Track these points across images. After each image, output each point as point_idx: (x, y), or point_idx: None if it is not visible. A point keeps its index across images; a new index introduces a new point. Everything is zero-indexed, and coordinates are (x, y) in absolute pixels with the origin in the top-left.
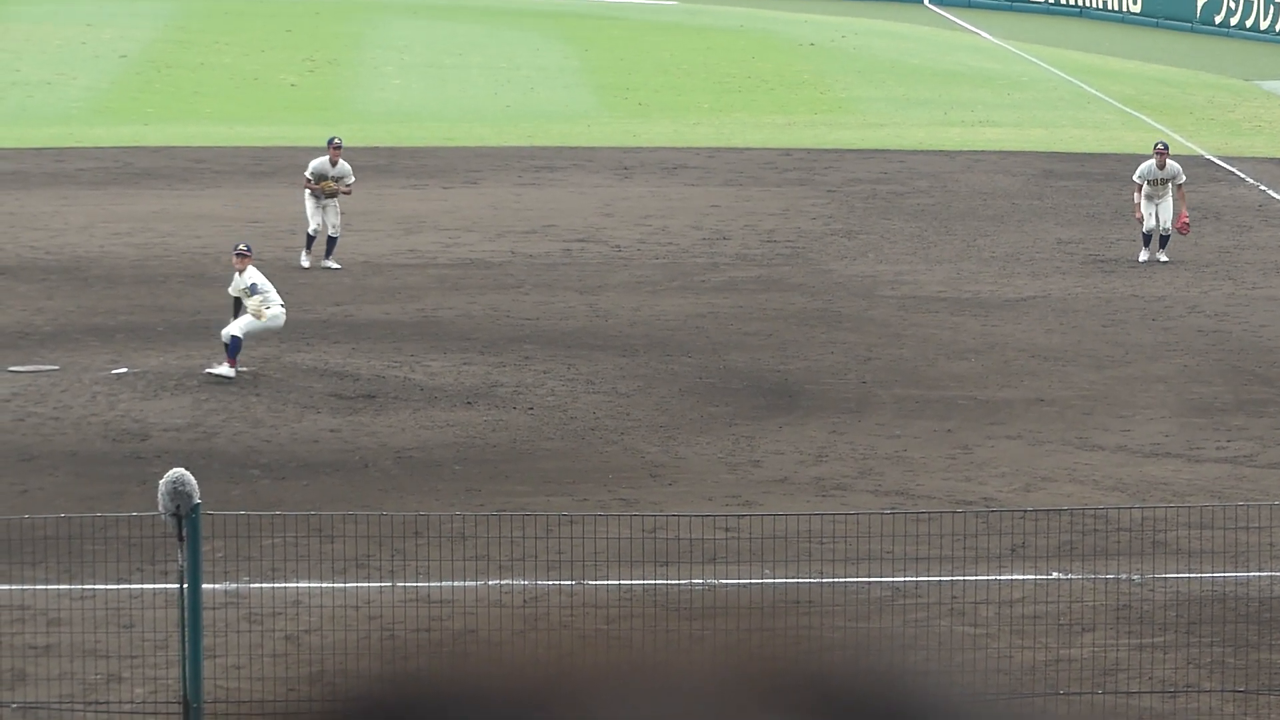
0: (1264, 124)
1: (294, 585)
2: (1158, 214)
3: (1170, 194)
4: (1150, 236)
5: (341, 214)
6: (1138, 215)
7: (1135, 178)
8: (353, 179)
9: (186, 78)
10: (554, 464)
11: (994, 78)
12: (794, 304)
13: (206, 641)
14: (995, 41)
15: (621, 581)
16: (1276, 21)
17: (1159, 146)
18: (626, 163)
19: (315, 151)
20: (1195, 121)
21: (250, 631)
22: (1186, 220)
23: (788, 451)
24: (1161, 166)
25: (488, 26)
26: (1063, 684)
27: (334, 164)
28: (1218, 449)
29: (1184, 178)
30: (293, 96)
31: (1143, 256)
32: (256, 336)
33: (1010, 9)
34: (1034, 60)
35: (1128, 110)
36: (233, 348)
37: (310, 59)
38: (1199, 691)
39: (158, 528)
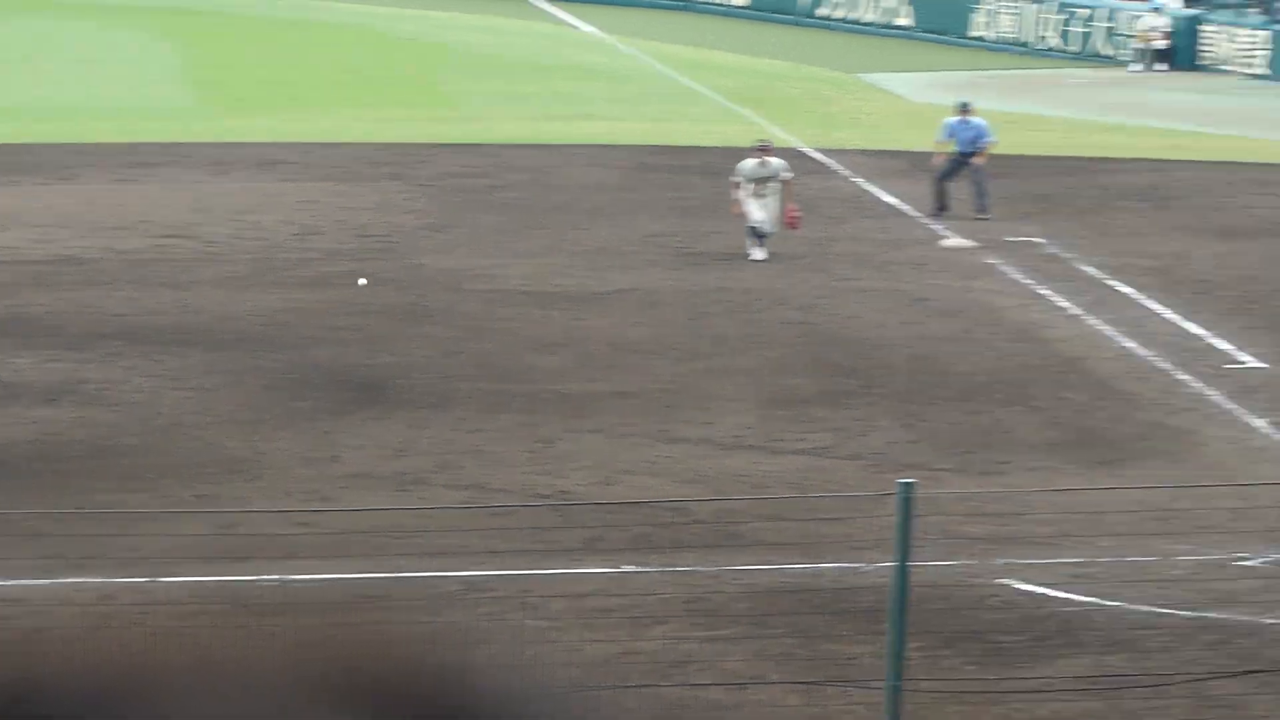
0: (861, 116)
1: None
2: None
3: (777, 191)
4: (759, 230)
5: None
6: (735, 211)
7: (735, 176)
8: None
9: None
10: (136, 460)
11: (597, 72)
12: (384, 299)
13: None
14: (599, 35)
15: (195, 578)
16: (880, 14)
17: (760, 144)
18: (223, 159)
19: None
20: (793, 114)
21: None
22: (796, 214)
23: (369, 446)
24: (763, 164)
25: (86, 22)
26: (632, 677)
27: None
28: (797, 440)
29: (791, 174)
30: None
31: (757, 255)
32: None
33: (616, 4)
34: (638, 54)
35: (728, 104)
36: None
37: None
38: (765, 683)
39: None
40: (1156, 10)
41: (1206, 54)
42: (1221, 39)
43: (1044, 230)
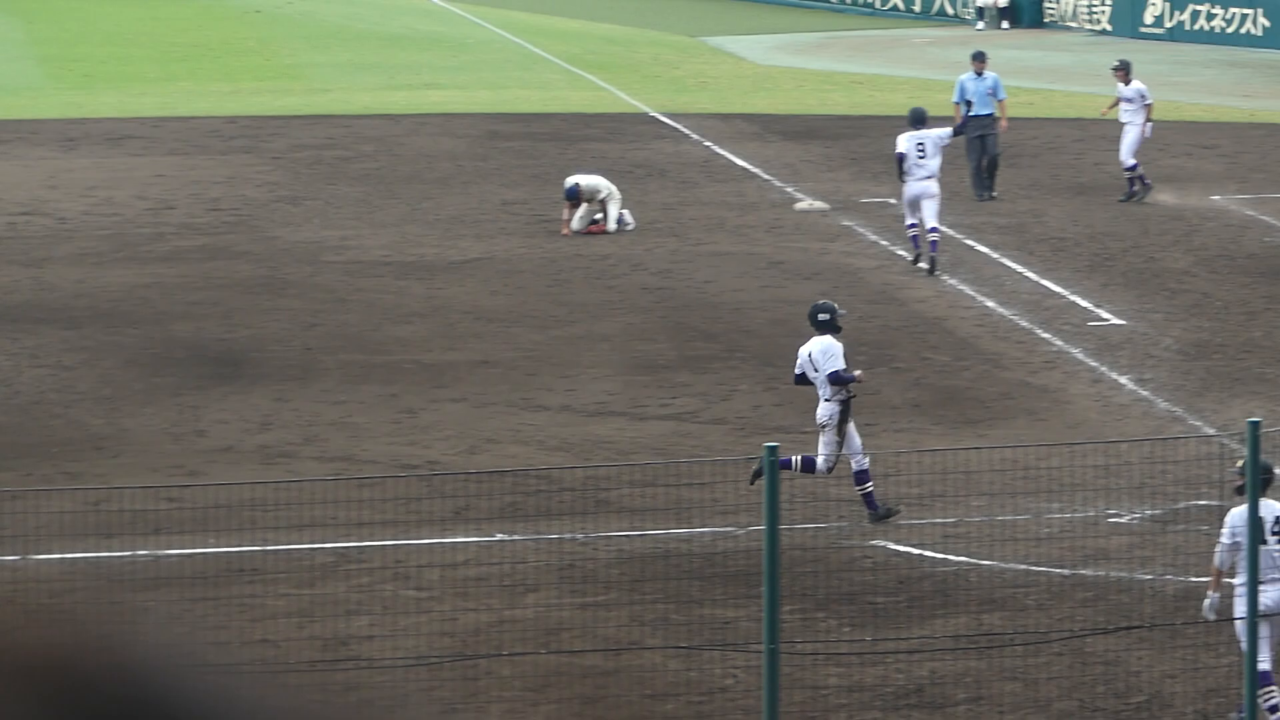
0: (709, 79)
1: None
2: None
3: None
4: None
5: None
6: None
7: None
8: None
9: None
10: None
11: (440, 40)
12: (239, 272)
13: None
14: (441, 4)
15: (66, 555)
16: None
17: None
18: (71, 134)
19: None
20: (641, 79)
21: None
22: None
23: (233, 420)
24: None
25: None
26: (507, 644)
27: None
28: (661, 406)
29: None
30: None
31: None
32: None
33: None
34: (480, 22)
35: (573, 69)
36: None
37: None
38: (643, 649)
39: None
40: None
41: (1051, 11)
42: None
43: (897, 191)
